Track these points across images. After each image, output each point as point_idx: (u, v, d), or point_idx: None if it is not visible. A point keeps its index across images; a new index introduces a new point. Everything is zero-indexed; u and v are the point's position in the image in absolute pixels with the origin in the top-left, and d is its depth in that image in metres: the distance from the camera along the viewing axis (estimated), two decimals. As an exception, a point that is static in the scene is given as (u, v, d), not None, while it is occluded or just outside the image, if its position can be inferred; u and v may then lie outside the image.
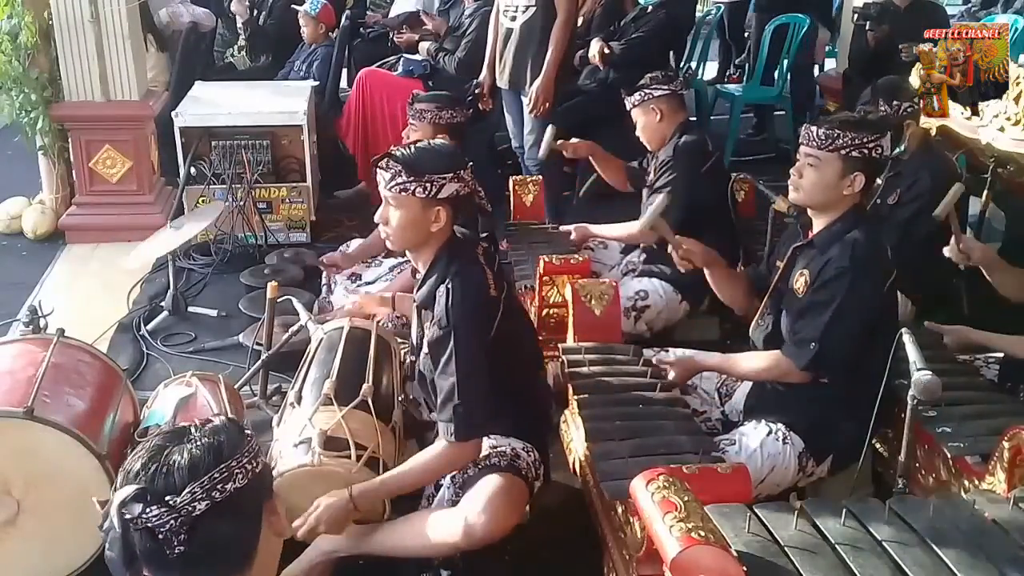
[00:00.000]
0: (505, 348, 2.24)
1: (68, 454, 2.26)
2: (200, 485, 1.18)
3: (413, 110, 3.52)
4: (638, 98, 3.47)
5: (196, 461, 1.20)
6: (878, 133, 2.37)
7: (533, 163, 4.51)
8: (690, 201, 3.29)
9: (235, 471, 1.21)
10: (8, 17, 4.46)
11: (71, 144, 4.66)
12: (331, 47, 5.63)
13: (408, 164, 2.19)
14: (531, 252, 3.51)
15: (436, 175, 2.19)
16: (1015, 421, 2.02)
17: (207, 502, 1.18)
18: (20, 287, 4.16)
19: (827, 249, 2.40)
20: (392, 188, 2.21)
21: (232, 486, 1.20)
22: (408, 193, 2.19)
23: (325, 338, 2.74)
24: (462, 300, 2.18)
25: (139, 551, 1.17)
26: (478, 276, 2.24)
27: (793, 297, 2.46)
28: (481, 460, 2.29)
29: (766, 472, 2.35)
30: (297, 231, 4.63)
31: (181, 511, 1.17)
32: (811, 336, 2.34)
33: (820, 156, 2.37)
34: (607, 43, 4.99)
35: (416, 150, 2.24)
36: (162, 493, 1.17)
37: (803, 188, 2.43)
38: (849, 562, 1.62)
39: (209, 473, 1.19)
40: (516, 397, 2.34)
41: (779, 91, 6.26)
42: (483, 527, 2.16)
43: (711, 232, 3.33)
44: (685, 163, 3.36)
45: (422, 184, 2.18)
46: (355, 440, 2.33)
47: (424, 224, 2.23)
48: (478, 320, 2.20)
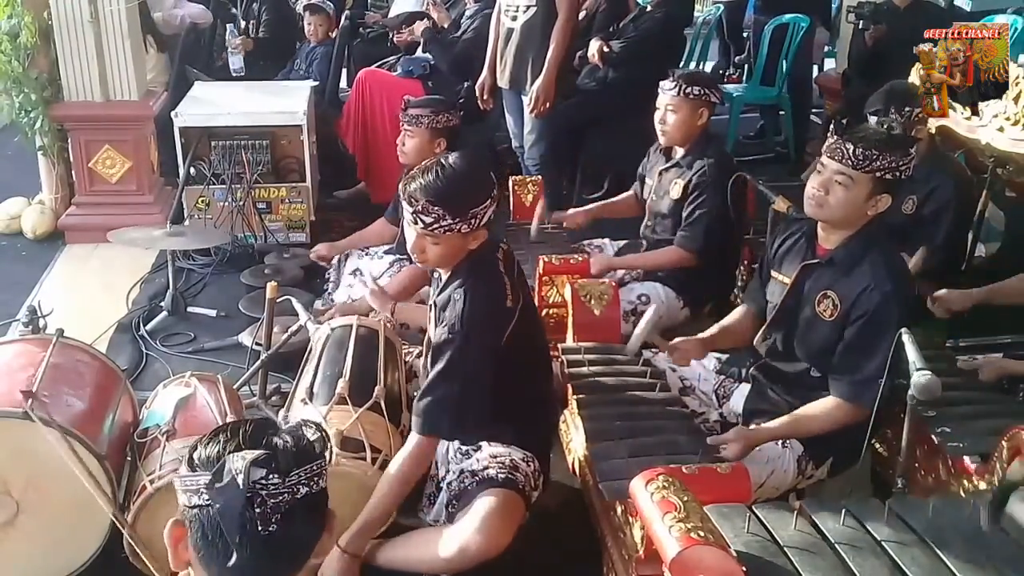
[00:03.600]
0: (518, 356, 2.23)
1: (67, 454, 2.25)
2: (305, 472, 1.20)
3: (407, 116, 3.44)
4: (695, 92, 3.24)
5: (302, 448, 1.22)
6: (909, 154, 2.27)
7: (533, 163, 4.51)
8: (723, 219, 3.23)
9: (324, 470, 1.24)
10: (8, 17, 4.46)
11: (71, 144, 4.66)
12: (331, 47, 5.63)
13: (450, 206, 2.11)
14: (531, 252, 3.51)
15: (478, 207, 2.14)
16: (1014, 422, 2.02)
17: (307, 489, 1.19)
18: (19, 287, 4.15)
19: (850, 269, 2.31)
20: (435, 230, 2.14)
21: (322, 482, 1.23)
22: (453, 232, 2.15)
23: (333, 335, 2.73)
24: (475, 308, 2.17)
25: (239, 520, 1.16)
26: (496, 285, 2.22)
27: (819, 320, 2.36)
28: (480, 472, 2.29)
29: (765, 476, 2.34)
30: (297, 231, 4.63)
31: (291, 489, 1.18)
32: (878, 373, 2.15)
33: (853, 176, 2.24)
34: (607, 42, 5.00)
35: (451, 185, 2.12)
36: (282, 466, 1.18)
37: (828, 205, 2.29)
38: (848, 562, 1.62)
39: (311, 463, 1.21)
40: (525, 405, 2.35)
41: (779, 91, 6.26)
42: (477, 547, 2.16)
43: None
44: (721, 184, 3.22)
45: (467, 222, 2.14)
46: (370, 442, 2.33)
47: (463, 249, 2.22)
48: (487, 329, 2.18)
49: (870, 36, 5.13)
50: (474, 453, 2.36)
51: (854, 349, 2.28)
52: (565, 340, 2.92)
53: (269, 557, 1.18)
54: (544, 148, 4.48)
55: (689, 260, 3.30)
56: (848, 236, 2.34)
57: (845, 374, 2.30)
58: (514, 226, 3.92)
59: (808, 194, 2.34)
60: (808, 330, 2.40)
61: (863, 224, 2.32)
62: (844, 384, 2.29)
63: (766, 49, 6.18)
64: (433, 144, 3.40)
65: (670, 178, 3.39)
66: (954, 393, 2.41)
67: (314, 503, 1.22)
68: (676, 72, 3.33)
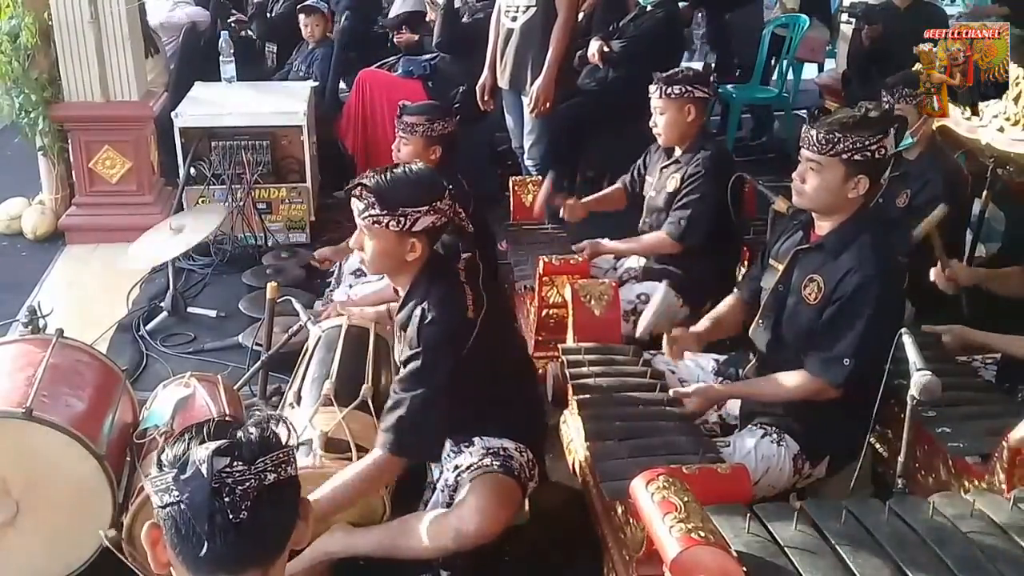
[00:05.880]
0: (487, 359, 2.22)
1: (67, 454, 2.25)
2: (272, 459, 1.21)
3: (402, 123, 3.37)
4: (676, 91, 3.27)
5: (265, 438, 1.23)
6: (880, 132, 2.26)
7: (533, 163, 4.51)
8: (716, 214, 3.24)
9: (291, 457, 1.25)
10: (8, 18, 4.46)
11: (71, 144, 4.66)
12: (331, 47, 5.63)
13: (381, 196, 2.13)
14: (531, 253, 3.51)
15: (410, 208, 2.13)
16: (1015, 421, 2.02)
17: (274, 475, 1.21)
18: (20, 287, 4.15)
19: (839, 254, 2.32)
20: (365, 219, 2.17)
21: (290, 470, 1.24)
22: (381, 226, 2.15)
23: (323, 336, 2.73)
24: (435, 324, 2.15)
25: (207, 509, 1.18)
26: (455, 299, 2.19)
27: (803, 304, 2.38)
28: (475, 462, 2.29)
29: (760, 474, 2.34)
30: (297, 231, 4.63)
31: (257, 475, 1.19)
32: (845, 352, 2.25)
33: (821, 161, 2.28)
34: (607, 42, 4.99)
35: (392, 179, 2.16)
36: (246, 455, 1.20)
37: (806, 193, 2.34)
38: (849, 562, 1.61)
39: (277, 451, 1.23)
40: (505, 401, 2.35)
41: (778, 91, 6.26)
42: (475, 528, 2.16)
43: (712, 234, 3.35)
44: (716, 177, 3.24)
45: (395, 218, 2.13)
46: (356, 442, 2.33)
47: (399, 254, 2.19)
48: (449, 345, 2.16)
49: (866, 36, 5.14)
50: (466, 449, 2.36)
51: (828, 327, 2.31)
52: (565, 340, 2.91)
53: (242, 545, 1.19)
54: (544, 148, 4.48)
55: (673, 246, 3.34)
56: (840, 222, 2.36)
57: (815, 350, 2.33)
58: (514, 226, 3.92)
59: (792, 185, 2.39)
60: (794, 315, 2.42)
61: (855, 210, 2.34)
62: (814, 359, 2.33)
63: (766, 49, 6.18)
64: (428, 152, 3.32)
65: (668, 173, 3.42)
66: (954, 393, 2.40)
67: (284, 490, 1.23)
68: (656, 75, 3.36)
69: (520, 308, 3.64)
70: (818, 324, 2.34)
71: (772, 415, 2.43)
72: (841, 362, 2.26)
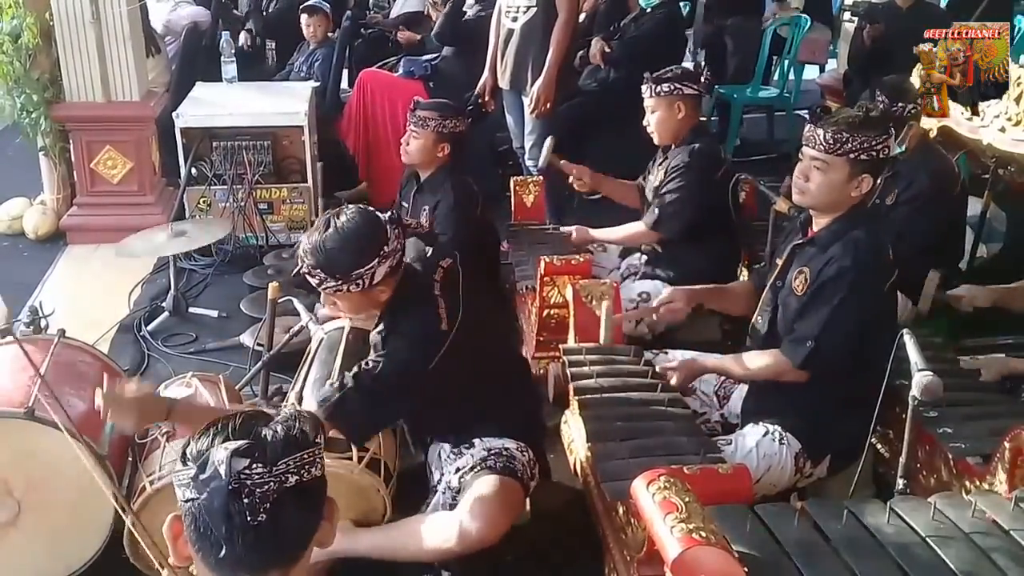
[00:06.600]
0: (472, 362, 2.22)
1: (68, 455, 2.25)
2: (294, 460, 1.19)
3: (416, 117, 3.42)
4: (665, 90, 3.31)
5: (291, 437, 1.21)
6: (884, 133, 2.30)
7: (534, 164, 4.51)
8: (697, 207, 3.28)
9: (317, 458, 1.23)
10: (10, 18, 4.46)
11: (72, 145, 4.67)
12: (331, 48, 5.63)
13: (330, 269, 2.12)
14: (532, 253, 3.51)
15: (362, 268, 2.12)
16: (1016, 422, 2.02)
17: (297, 477, 1.19)
18: (21, 287, 4.15)
19: (828, 248, 2.36)
20: (325, 291, 2.18)
21: (315, 471, 1.22)
22: (343, 292, 2.16)
23: (326, 338, 2.73)
24: (402, 337, 2.18)
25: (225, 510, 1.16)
26: (427, 316, 2.19)
27: (791, 295, 2.44)
28: (477, 463, 2.30)
29: (762, 472, 2.34)
30: (298, 231, 4.62)
31: (278, 478, 1.17)
32: (808, 334, 2.32)
33: (827, 160, 2.30)
34: (608, 42, 5.00)
35: (331, 247, 2.12)
36: (268, 456, 1.18)
37: (809, 192, 2.36)
38: (850, 563, 1.61)
39: (301, 452, 1.20)
40: (503, 402, 2.36)
41: (779, 91, 6.26)
42: (478, 530, 2.16)
43: (712, 234, 3.35)
44: (699, 170, 3.28)
45: (352, 282, 2.13)
46: (356, 441, 2.32)
47: (371, 302, 2.22)
48: (414, 358, 2.17)
49: (868, 35, 5.14)
50: (467, 450, 2.36)
51: (801, 311, 2.37)
52: (566, 340, 2.92)
53: (261, 547, 1.18)
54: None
55: (648, 235, 3.43)
56: (833, 219, 2.39)
57: (787, 333, 2.40)
58: (516, 226, 3.92)
59: (793, 183, 2.42)
60: (785, 306, 2.46)
61: (849, 207, 2.37)
62: (785, 341, 2.40)
63: (767, 49, 6.18)
64: (436, 148, 3.40)
65: (659, 169, 3.46)
66: (955, 394, 2.41)
67: (307, 492, 1.21)
68: (647, 75, 3.39)
69: (521, 308, 3.64)
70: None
71: (774, 413, 2.43)
72: (804, 344, 2.32)
